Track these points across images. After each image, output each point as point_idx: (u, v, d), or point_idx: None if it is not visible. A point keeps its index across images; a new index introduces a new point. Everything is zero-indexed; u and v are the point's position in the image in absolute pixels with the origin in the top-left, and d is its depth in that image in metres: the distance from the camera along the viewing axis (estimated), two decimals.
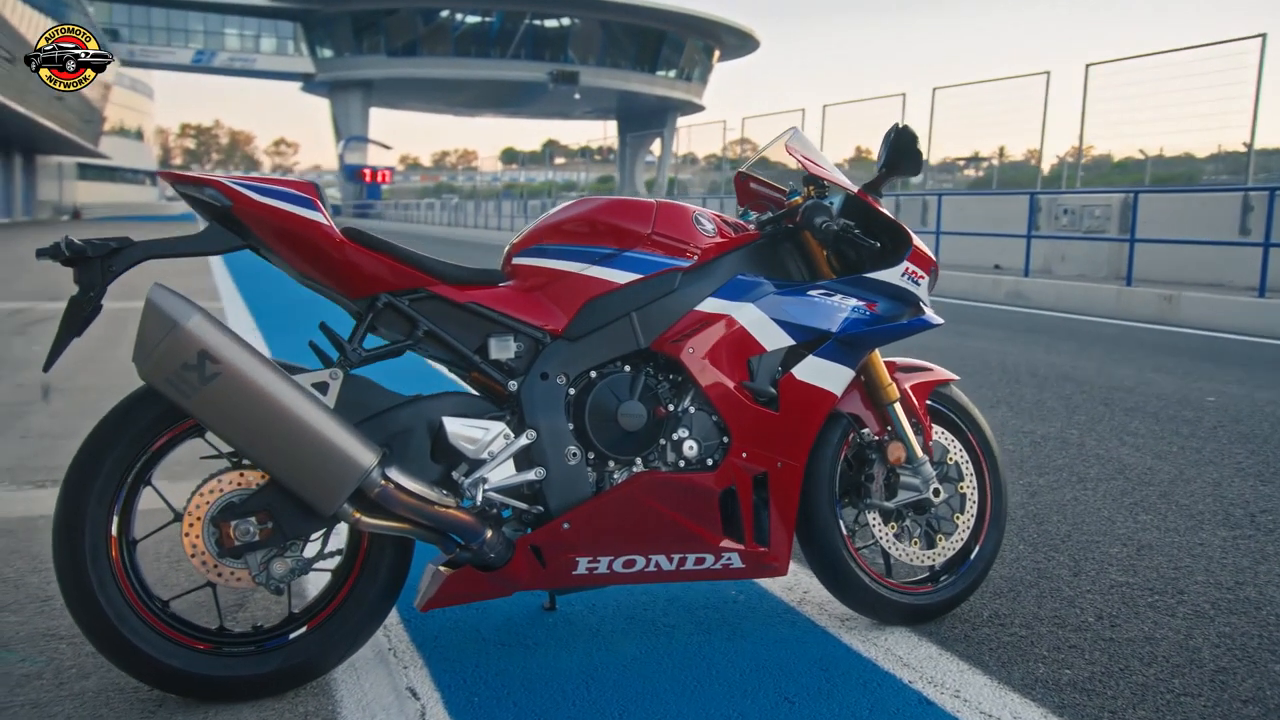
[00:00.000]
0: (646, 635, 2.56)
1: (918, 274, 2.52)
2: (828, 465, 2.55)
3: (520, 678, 2.31)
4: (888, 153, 2.45)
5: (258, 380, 2.00)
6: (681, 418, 2.35)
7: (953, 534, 2.69)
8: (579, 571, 2.31)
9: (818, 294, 2.44)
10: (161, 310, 1.99)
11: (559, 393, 2.29)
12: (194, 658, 2.10)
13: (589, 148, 70.22)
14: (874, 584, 2.59)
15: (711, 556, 2.39)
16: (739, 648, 2.50)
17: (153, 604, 2.12)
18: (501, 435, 2.23)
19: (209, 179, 2.15)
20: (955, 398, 2.74)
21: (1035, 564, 3.14)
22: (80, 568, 2.04)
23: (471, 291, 2.28)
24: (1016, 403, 5.86)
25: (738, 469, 2.36)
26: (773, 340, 2.38)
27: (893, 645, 2.53)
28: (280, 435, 2.01)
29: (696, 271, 2.37)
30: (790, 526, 2.44)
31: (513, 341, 2.30)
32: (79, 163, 63.78)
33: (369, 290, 2.23)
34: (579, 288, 2.31)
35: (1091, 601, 2.84)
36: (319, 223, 2.16)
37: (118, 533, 2.08)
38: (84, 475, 2.06)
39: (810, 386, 2.39)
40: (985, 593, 2.88)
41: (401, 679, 2.29)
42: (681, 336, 2.33)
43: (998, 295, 13.55)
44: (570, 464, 2.28)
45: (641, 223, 2.35)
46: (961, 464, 2.71)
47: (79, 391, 5.68)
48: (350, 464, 2.04)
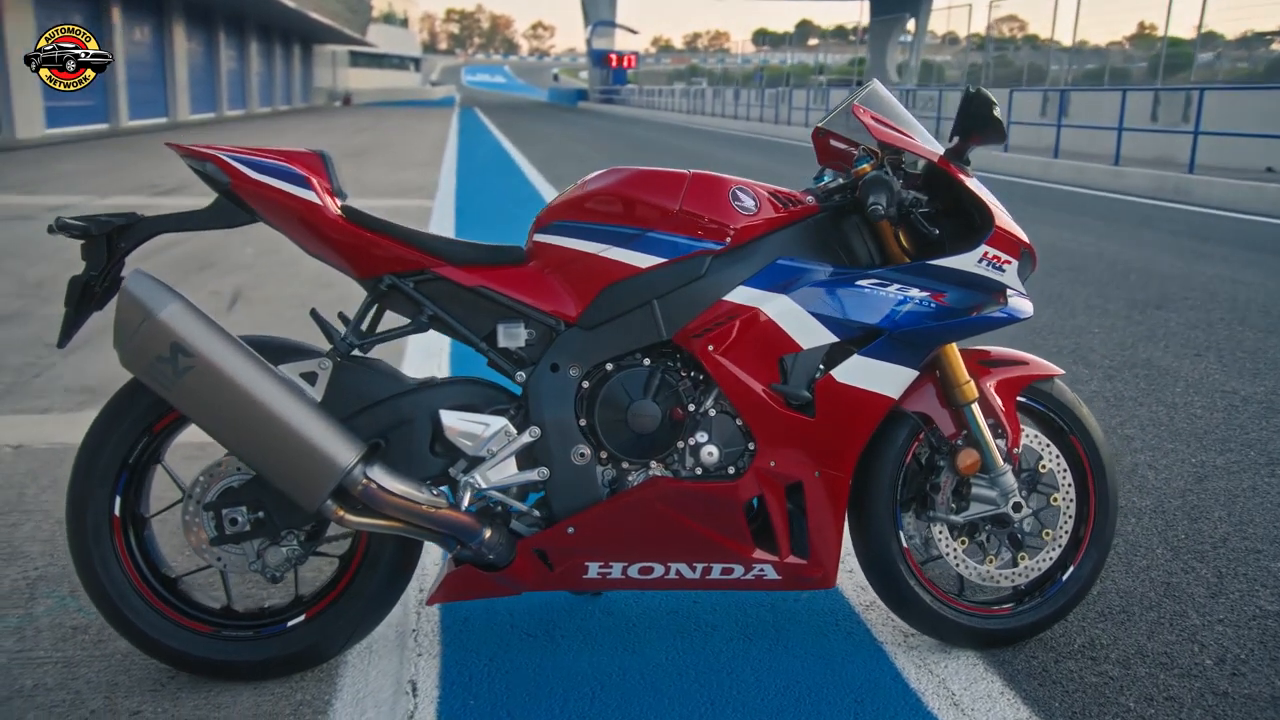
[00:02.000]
0: (680, 636, 2.39)
1: (1001, 259, 2.15)
2: (889, 470, 2.26)
3: (529, 678, 2.21)
4: (961, 120, 2.07)
5: (233, 374, 1.93)
6: (701, 420, 2.12)
7: (1038, 553, 2.34)
8: (590, 576, 2.16)
9: (870, 283, 2.11)
10: (136, 300, 1.94)
11: (570, 386, 2.11)
12: (192, 639, 2.11)
13: (843, 28, 67.38)
14: (936, 603, 2.30)
15: (741, 567, 2.17)
16: (775, 661, 2.29)
17: (157, 583, 2.13)
18: (503, 432, 2.08)
19: (210, 154, 2.06)
20: (1057, 395, 2.36)
21: (1167, 577, 2.73)
22: (85, 547, 2.07)
23: (480, 273, 2.11)
24: (1230, 350, 5.17)
25: (765, 478, 2.11)
26: (810, 337, 2.09)
27: (950, 675, 2.25)
28: (256, 431, 1.94)
29: (729, 255, 2.10)
30: (836, 537, 2.19)
31: (523, 329, 2.12)
32: (350, 50, 66.98)
33: (373, 271, 2.11)
34: (597, 271, 2.09)
35: (1219, 637, 2.43)
36: (313, 203, 2.05)
37: (121, 513, 2.09)
38: (89, 456, 2.08)
39: (855, 390, 2.10)
40: (1090, 611, 2.53)
41: (409, 669, 2.23)
42: (704, 330, 2.08)
43: (1261, 205, 12.04)
44: (578, 464, 2.11)
45: (669, 198, 2.10)
46: (1057, 473, 2.34)
47: (261, 302, 5.97)
48: (328, 463, 1.95)
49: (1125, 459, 3.61)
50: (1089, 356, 5.01)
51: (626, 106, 54.08)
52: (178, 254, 7.47)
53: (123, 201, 10.53)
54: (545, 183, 13.01)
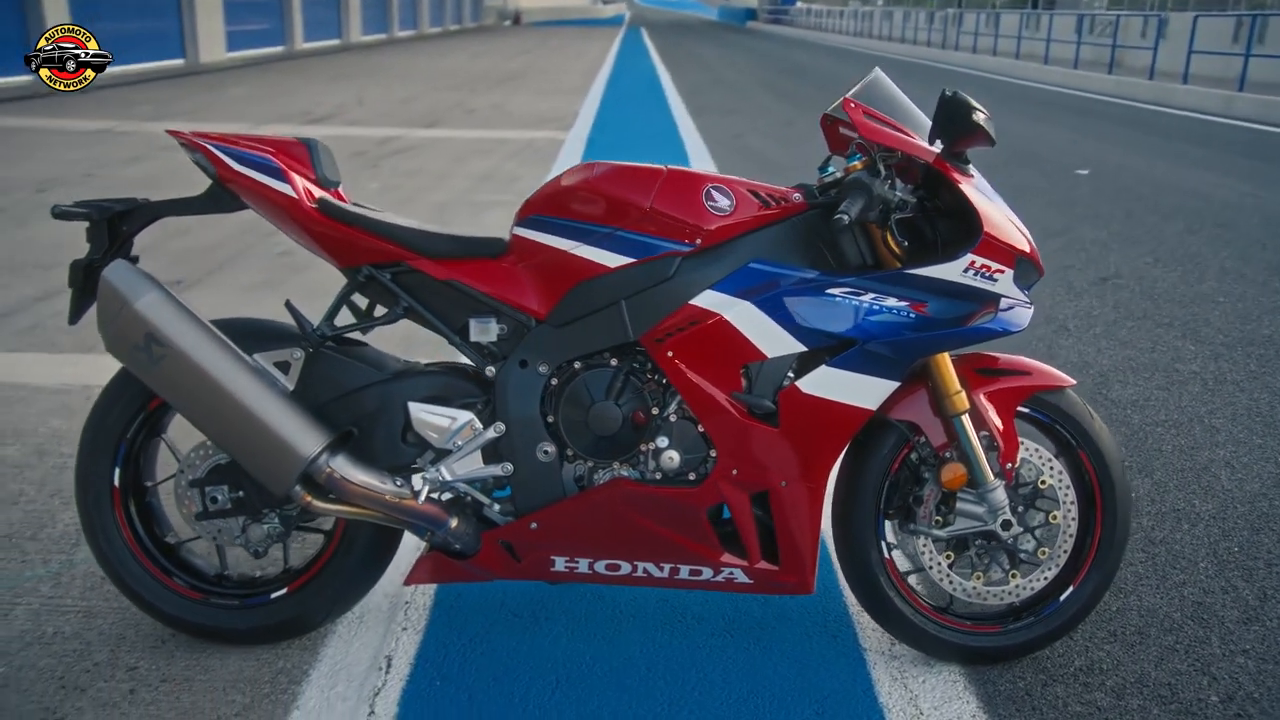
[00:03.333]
0: (664, 627, 2.39)
1: (992, 269, 2.01)
2: (872, 479, 2.19)
3: (502, 661, 2.26)
4: (939, 126, 1.94)
5: (203, 364, 2.01)
6: (663, 425, 2.09)
7: (1033, 571, 2.23)
8: (558, 569, 2.18)
9: (842, 292, 2.02)
10: (114, 289, 2.03)
11: (537, 383, 2.11)
12: (183, 604, 2.25)
13: None
14: (918, 616, 2.23)
15: (709, 570, 2.15)
16: (750, 661, 2.28)
17: (155, 549, 2.26)
18: (469, 426, 2.10)
19: (198, 144, 2.13)
20: (1066, 407, 2.22)
21: (1202, 595, 2.56)
22: (89, 514, 2.22)
23: (455, 266, 2.12)
24: None
25: (727, 486, 2.07)
26: (776, 346, 2.02)
27: (923, 692, 2.19)
28: (226, 419, 2.02)
29: (700, 256, 2.04)
30: (809, 545, 2.14)
31: (495, 323, 2.13)
32: None
33: (352, 261, 2.15)
34: (568, 268, 2.07)
35: (1235, 670, 2.28)
36: (290, 197, 2.09)
37: (120, 484, 2.22)
38: (92, 430, 2.21)
39: (823, 401, 2.02)
40: (1101, 630, 2.41)
41: (390, 644, 2.32)
42: (666, 335, 2.04)
43: None
44: (542, 461, 2.12)
45: (641, 195, 2.05)
46: (1059, 490, 2.21)
47: None
48: (293, 451, 2.02)
49: (1202, 454, 3.37)
50: (1201, 330, 4.67)
51: (793, 28, 52.63)
52: None
53: (273, 129, 10.97)
54: (685, 115, 12.86)
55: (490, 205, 7.16)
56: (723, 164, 8.95)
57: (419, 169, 8.74)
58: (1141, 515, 2.95)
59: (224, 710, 2.10)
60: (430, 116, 12.47)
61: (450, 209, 7.09)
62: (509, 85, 17.04)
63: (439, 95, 15.02)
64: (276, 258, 5.74)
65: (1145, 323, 4.76)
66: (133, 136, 10.53)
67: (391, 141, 10.36)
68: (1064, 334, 4.56)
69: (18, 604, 2.46)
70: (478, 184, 8.04)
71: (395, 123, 11.81)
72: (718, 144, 10.09)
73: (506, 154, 9.53)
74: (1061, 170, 9.16)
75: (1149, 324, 4.74)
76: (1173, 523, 2.91)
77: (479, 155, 9.48)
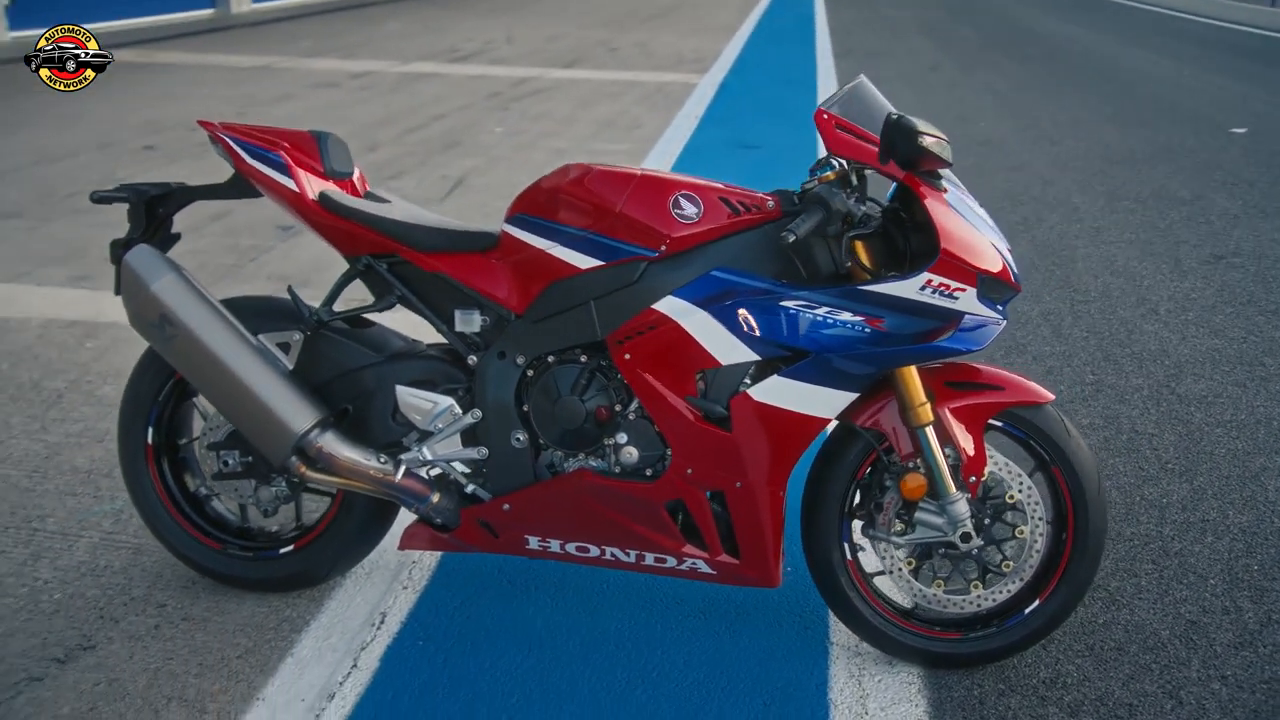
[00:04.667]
0: (644, 605, 2.51)
1: (951, 287, 2.01)
2: (838, 483, 2.24)
3: (484, 627, 2.43)
4: (886, 151, 1.94)
5: (210, 345, 2.21)
6: (623, 422, 2.19)
7: (997, 582, 2.25)
8: (531, 547, 2.32)
9: (796, 304, 2.05)
10: (134, 272, 2.24)
11: (514, 374, 2.23)
12: (205, 553, 2.49)
13: None
14: (878, 618, 2.29)
15: (673, 559, 2.26)
16: (717, 646, 2.38)
17: (184, 501, 2.51)
18: (449, 411, 2.25)
19: (220, 137, 2.32)
20: (1042, 423, 2.21)
21: (1199, 614, 2.51)
22: (127, 467, 2.49)
23: (443, 260, 2.25)
24: None
25: (682, 484, 2.16)
26: (729, 353, 2.08)
27: (875, 691, 2.25)
28: (229, 394, 2.23)
29: (665, 263, 2.11)
30: (768, 542, 2.21)
31: (478, 315, 2.26)
32: None
33: (353, 251, 2.31)
34: (544, 267, 2.18)
35: (1207, 697, 2.24)
36: (293, 191, 2.25)
37: (153, 441, 2.47)
38: (131, 391, 2.46)
39: (774, 409, 2.08)
40: (1079, 642, 2.40)
41: (389, 601, 2.52)
42: (626, 337, 2.12)
43: None
44: (515, 448, 2.25)
45: (612, 200, 2.12)
46: (1028, 505, 2.21)
47: (479, 189, 6.37)
48: (285, 427, 2.22)
49: (1255, 460, 3.24)
50: None
51: None
52: (434, 131, 8.03)
53: (416, 68, 11.32)
54: (828, 57, 12.58)
55: (602, 155, 7.26)
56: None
57: (546, 113, 8.90)
58: (1166, 523, 2.88)
59: (229, 651, 2.34)
60: (572, 55, 12.59)
61: (565, 156, 7.20)
62: (658, 22, 16.95)
63: (585, 33, 15.09)
64: None
65: (1247, 309, 4.52)
66: (288, 73, 11.04)
67: (528, 82, 10.54)
68: (1151, 318, 4.38)
69: (82, 536, 2.77)
70: (599, 130, 8.15)
71: (537, 62, 11.98)
72: None
73: (635, 98, 9.58)
74: (1214, 128, 8.60)
75: (1251, 310, 4.50)
76: (1196, 534, 2.83)
77: (608, 99, 9.57)
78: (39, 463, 3.15)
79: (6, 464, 3.15)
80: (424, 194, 6.25)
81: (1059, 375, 3.81)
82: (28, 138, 7.67)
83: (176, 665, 2.31)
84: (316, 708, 2.18)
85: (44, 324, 4.18)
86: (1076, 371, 3.85)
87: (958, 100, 9.66)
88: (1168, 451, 3.27)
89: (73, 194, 6.11)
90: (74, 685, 2.25)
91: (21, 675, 2.28)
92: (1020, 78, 11.13)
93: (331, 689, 2.23)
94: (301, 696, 2.21)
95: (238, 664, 2.31)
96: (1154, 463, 3.20)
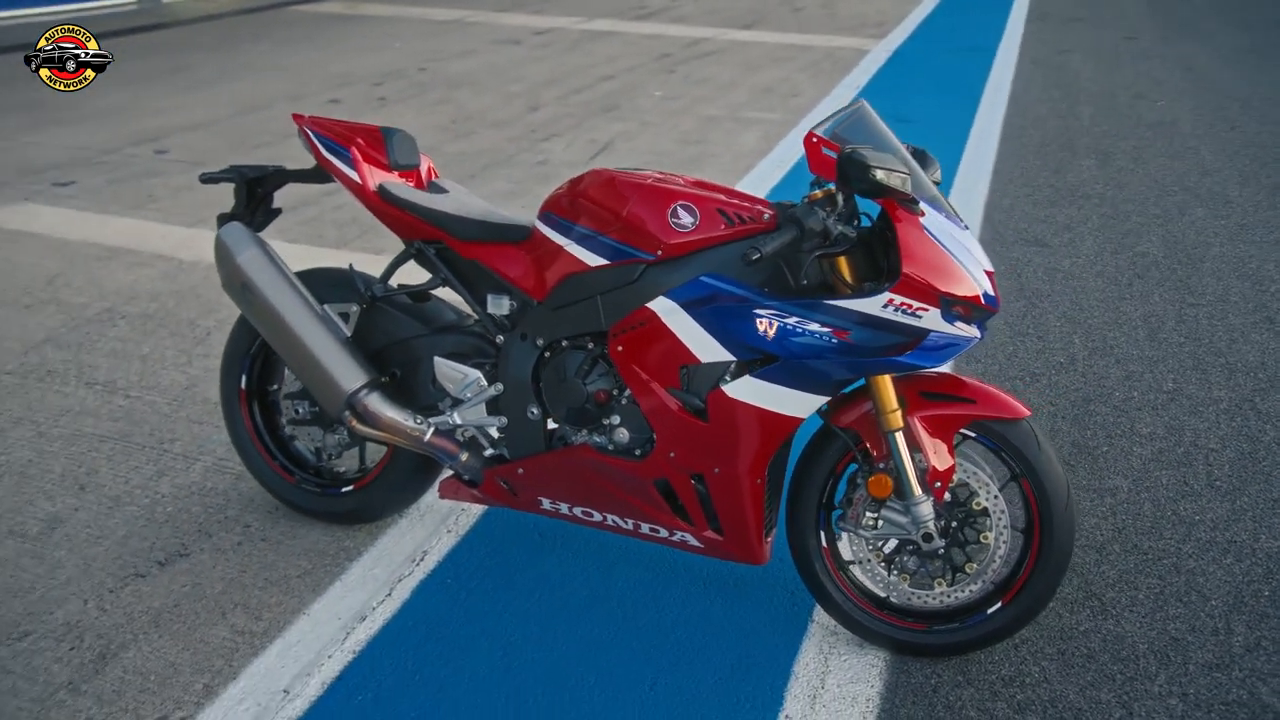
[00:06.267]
0: (654, 569, 2.78)
1: (913, 306, 2.15)
2: (816, 477, 2.44)
3: (507, 575, 2.75)
4: (843, 186, 2.09)
5: (280, 312, 2.59)
6: (617, 405, 2.44)
7: (960, 584, 2.39)
8: (545, 507, 2.62)
9: (768, 313, 2.23)
10: (225, 245, 2.64)
11: (532, 354, 2.52)
12: (283, 485, 2.92)
13: None
14: (847, 603, 2.48)
15: (664, 530, 2.51)
16: (706, 611, 2.62)
17: (270, 440, 2.94)
18: (476, 382, 2.56)
19: (301, 129, 2.68)
20: (1014, 438, 2.33)
21: (1185, 633, 2.56)
22: (225, 408, 2.93)
23: (479, 249, 2.55)
24: None
25: (667, 465, 2.40)
26: (708, 353, 2.29)
27: (836, 669, 2.45)
28: (296, 355, 2.61)
29: (662, 265, 2.33)
30: (750, 524, 2.42)
31: (507, 300, 2.55)
32: None
33: (406, 235, 2.64)
34: (562, 262, 2.44)
35: (1155, 711, 2.33)
36: (355, 181, 2.59)
37: (245, 388, 2.90)
38: (230, 343, 2.90)
39: (745, 405, 2.28)
40: (1051, 646, 2.51)
41: (433, 541, 2.88)
42: (620, 331, 2.36)
43: None
44: (530, 420, 2.54)
45: (618, 206, 2.36)
46: (994, 513, 2.34)
47: (625, 152, 6.65)
48: (338, 385, 2.58)
49: None
50: None
51: None
52: (597, 93, 8.35)
53: (598, 25, 11.65)
54: (1020, 23, 12.13)
55: (751, 124, 7.41)
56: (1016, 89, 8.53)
57: (709, 77, 9.07)
58: (1189, 540, 2.90)
59: (291, 570, 2.76)
60: (753, 15, 12.63)
61: (714, 124, 7.42)
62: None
63: None
64: (533, 167, 6.38)
65: None
66: (478, 28, 11.61)
67: (700, 44, 10.71)
68: (1263, 328, 4.23)
69: (199, 460, 3.26)
70: (755, 98, 8.26)
71: (716, 22, 12.11)
72: (1031, 63, 9.56)
73: (802, 64, 9.61)
74: None
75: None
76: (1216, 555, 2.85)
77: (774, 64, 9.64)
78: (179, 392, 3.67)
79: (154, 391, 3.69)
80: (570, 157, 6.58)
81: (1136, 381, 3.79)
82: (232, 90, 8.45)
83: (248, 578, 2.74)
84: (349, 626, 2.56)
85: (209, 267, 4.75)
86: (1157, 378, 3.82)
87: (1143, 75, 9.20)
88: (1222, 469, 3.25)
89: (260, 145, 6.77)
90: (167, 584, 2.71)
91: (131, 571, 2.77)
92: (1230, 51, 10.44)
93: (365, 612, 2.60)
94: (339, 616, 2.59)
95: (295, 582, 2.72)
96: (1202, 478, 3.20)
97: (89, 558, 2.82)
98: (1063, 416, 3.56)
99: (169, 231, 5.25)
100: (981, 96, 8.24)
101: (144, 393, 3.67)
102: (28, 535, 2.91)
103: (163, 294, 4.50)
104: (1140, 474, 3.22)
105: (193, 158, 6.51)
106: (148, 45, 10.48)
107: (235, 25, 11.88)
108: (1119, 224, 5.46)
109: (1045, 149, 6.85)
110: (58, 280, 4.66)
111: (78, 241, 5.13)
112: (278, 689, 2.36)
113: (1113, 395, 3.70)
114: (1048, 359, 3.97)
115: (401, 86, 8.63)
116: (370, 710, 2.31)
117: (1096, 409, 3.61)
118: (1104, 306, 4.44)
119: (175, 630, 2.55)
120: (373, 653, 2.48)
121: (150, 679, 2.40)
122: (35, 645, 2.51)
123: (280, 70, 9.22)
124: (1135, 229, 5.39)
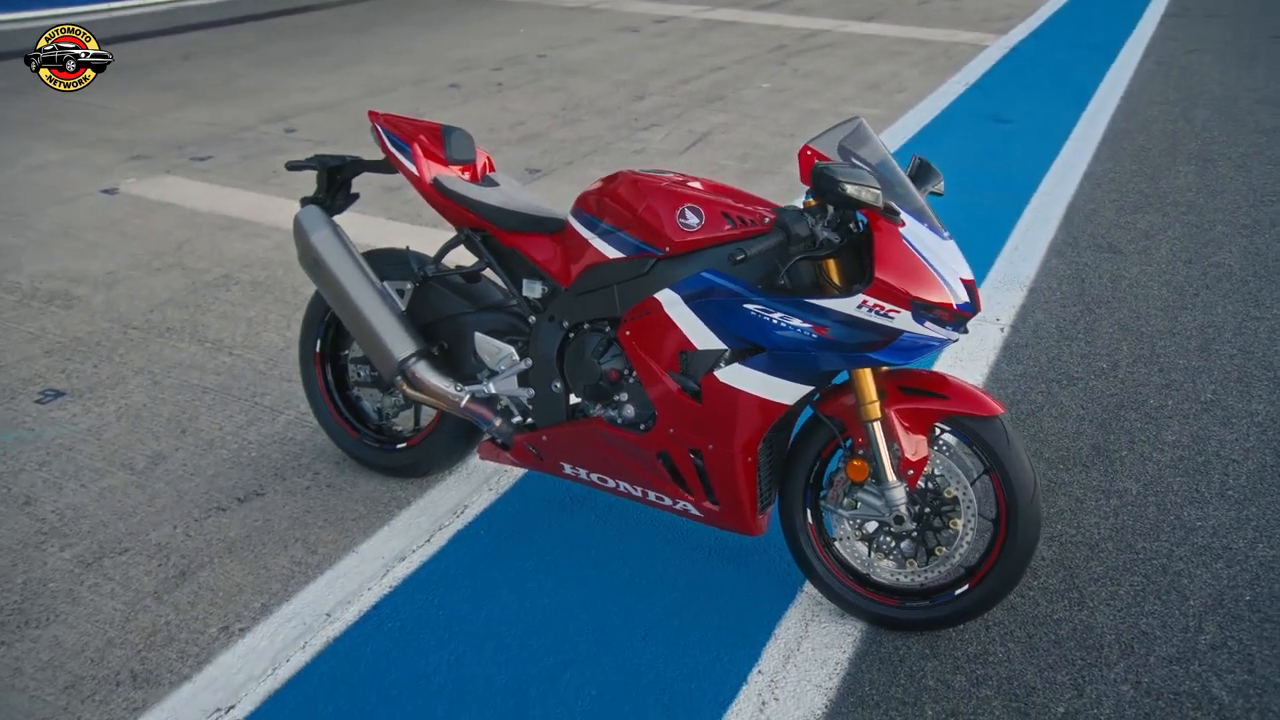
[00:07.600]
0: (668, 534, 3.06)
1: (885, 308, 2.36)
2: (804, 459, 2.67)
3: (533, 534, 3.07)
4: (819, 197, 2.31)
5: (345, 286, 2.96)
6: (625, 384, 2.72)
7: (930, 565, 2.60)
8: (567, 472, 2.93)
9: (756, 308, 2.47)
10: (301, 225, 3.02)
11: (558, 335, 2.82)
12: (347, 439, 3.30)
13: None
14: (829, 576, 2.71)
15: (668, 498, 2.79)
16: (705, 575, 2.89)
17: (339, 398, 3.32)
18: (509, 356, 2.88)
19: (374, 124, 3.03)
20: (985, 434, 2.51)
21: (1155, 628, 2.70)
22: (302, 368, 3.33)
23: (518, 238, 2.86)
24: None
25: (667, 440, 2.67)
26: (703, 341, 2.54)
27: (815, 634, 2.68)
28: (358, 325, 2.97)
29: (670, 261, 2.59)
30: (743, 498, 2.67)
31: (540, 285, 2.85)
32: None
33: (457, 223, 2.97)
34: (587, 253, 2.73)
35: (1105, 694, 2.50)
36: (412, 173, 2.93)
37: (320, 350, 3.29)
38: (309, 309, 3.29)
39: (734, 389, 2.53)
40: (1020, 629, 2.69)
41: (475, 497, 3.22)
42: (632, 317, 2.64)
43: None
44: (553, 392, 2.85)
45: (634, 204, 2.63)
46: (963, 503, 2.54)
47: (718, 145, 6.88)
48: (391, 353, 2.94)
49: None
50: None
51: None
52: (705, 84, 8.59)
53: (718, 15, 11.85)
54: (1154, 19, 11.81)
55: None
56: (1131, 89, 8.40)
57: (819, 70, 9.19)
58: (1185, 544, 3.01)
59: (348, 514, 3.14)
60: (877, 7, 12.62)
61: (813, 118, 7.57)
62: None
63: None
64: (628, 156, 6.68)
65: None
66: (602, 16, 11.94)
67: (817, 36, 10.81)
68: None
69: (284, 413, 3.68)
70: (860, 93, 8.36)
71: (837, 13, 12.16)
72: (1155, 62, 9.36)
73: (915, 59, 9.63)
74: None
75: None
76: (1208, 559, 2.96)
77: (887, 58, 9.69)
78: (275, 353, 4.11)
79: (254, 350, 4.13)
80: (667, 148, 6.86)
81: (1174, 390, 3.87)
82: (365, 72, 8.98)
83: (311, 518, 3.13)
84: (390, 565, 2.92)
85: None
86: (1196, 388, 3.89)
87: (1276, 78, 8.92)
88: (1238, 479, 3.34)
89: None
90: (242, 518, 3.13)
91: (214, 505, 3.19)
92: None
93: (404, 554, 2.96)
94: (382, 556, 2.96)
95: (350, 524, 3.09)
96: (1214, 487, 3.30)
97: (182, 491, 3.25)
98: (1090, 420, 3.67)
99: (285, 205, 5.74)
100: (1092, 97, 8.16)
101: (245, 351, 4.12)
102: (135, 469, 3.37)
103: (274, 263, 4.98)
104: (1152, 479, 3.34)
105: (318, 136, 7.02)
106: (294, 28, 11.14)
107: (377, 8, 12.50)
108: (1202, 233, 5.44)
109: (1145, 153, 6.79)
110: (184, 247, 5.19)
111: (206, 212, 5.66)
112: (321, 612, 2.74)
113: (1146, 403, 3.79)
114: (1090, 364, 4.07)
115: (519, 72, 9.02)
116: (396, 635, 2.66)
117: (1126, 415, 3.71)
118: (1162, 315, 4.49)
119: (244, 557, 2.96)
120: (406, 589, 2.83)
121: (219, 595, 2.81)
122: (131, 560, 2.95)
123: (410, 54, 9.73)
124: (1217, 239, 5.37)
